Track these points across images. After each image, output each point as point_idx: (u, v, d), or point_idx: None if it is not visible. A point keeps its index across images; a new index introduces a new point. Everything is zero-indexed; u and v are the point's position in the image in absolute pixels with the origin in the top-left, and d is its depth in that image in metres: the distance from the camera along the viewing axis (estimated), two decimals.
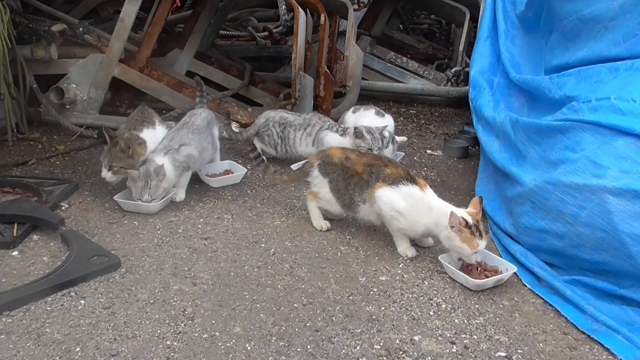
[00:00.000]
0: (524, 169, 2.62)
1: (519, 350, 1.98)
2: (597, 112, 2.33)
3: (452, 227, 2.30)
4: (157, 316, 2.05)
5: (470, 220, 2.31)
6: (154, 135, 3.01)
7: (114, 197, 2.84)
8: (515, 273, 2.37)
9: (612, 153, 2.20)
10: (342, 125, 3.55)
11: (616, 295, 2.20)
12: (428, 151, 3.94)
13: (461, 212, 2.36)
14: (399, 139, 3.53)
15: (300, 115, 3.53)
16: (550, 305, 2.23)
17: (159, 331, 1.98)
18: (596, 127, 2.30)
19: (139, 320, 2.03)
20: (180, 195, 2.96)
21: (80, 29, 3.95)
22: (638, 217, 2.06)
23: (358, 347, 1.96)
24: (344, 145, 3.09)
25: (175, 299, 2.16)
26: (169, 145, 2.91)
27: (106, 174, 2.82)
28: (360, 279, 2.36)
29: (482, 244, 2.31)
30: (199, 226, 2.72)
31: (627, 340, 1.99)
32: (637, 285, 2.15)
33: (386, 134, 3.37)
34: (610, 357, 1.96)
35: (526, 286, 2.35)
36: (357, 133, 3.26)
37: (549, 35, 3.03)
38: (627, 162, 2.14)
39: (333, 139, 3.36)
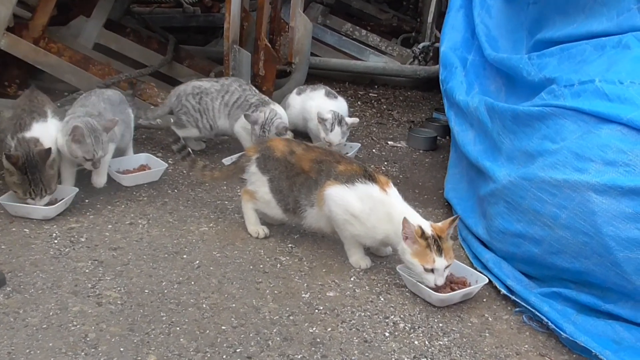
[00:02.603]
0: (498, 163, 2.70)
1: None
2: (580, 98, 2.43)
3: (406, 237, 2.33)
4: (50, 344, 2.02)
5: (428, 231, 2.33)
6: (45, 129, 2.87)
7: None
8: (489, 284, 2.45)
9: (596, 143, 2.29)
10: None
11: (601, 312, 2.29)
12: (390, 142, 4.01)
13: (419, 220, 2.39)
14: (349, 120, 3.54)
15: (218, 81, 3.52)
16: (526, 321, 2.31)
17: None
18: (578, 113, 2.40)
19: (28, 350, 1.99)
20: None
21: None
22: (625, 218, 2.15)
23: None
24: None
25: (74, 323, 2.13)
26: (87, 112, 2.88)
27: (46, 199, 2.77)
28: (304, 295, 2.39)
29: (439, 262, 2.30)
30: (107, 234, 2.70)
31: None
32: (623, 299, 2.24)
33: (328, 115, 3.40)
34: None
35: (499, 300, 2.43)
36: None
37: (531, 6, 3.13)
38: (612, 154, 2.23)
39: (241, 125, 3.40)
